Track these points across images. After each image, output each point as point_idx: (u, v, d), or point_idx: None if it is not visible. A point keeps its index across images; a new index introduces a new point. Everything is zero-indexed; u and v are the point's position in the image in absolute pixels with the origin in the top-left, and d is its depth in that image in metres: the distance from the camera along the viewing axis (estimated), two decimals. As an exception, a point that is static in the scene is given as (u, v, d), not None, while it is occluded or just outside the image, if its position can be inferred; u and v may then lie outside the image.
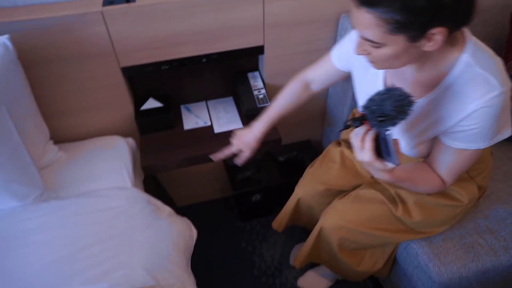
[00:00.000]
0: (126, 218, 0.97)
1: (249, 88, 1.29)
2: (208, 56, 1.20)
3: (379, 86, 0.84)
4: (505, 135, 0.75)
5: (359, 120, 0.70)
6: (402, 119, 0.65)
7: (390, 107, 0.63)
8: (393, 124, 0.65)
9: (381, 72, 0.83)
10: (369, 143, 0.67)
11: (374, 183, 1.03)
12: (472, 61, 0.67)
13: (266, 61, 1.27)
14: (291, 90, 1.05)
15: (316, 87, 1.05)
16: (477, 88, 0.67)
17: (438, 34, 0.61)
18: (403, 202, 0.96)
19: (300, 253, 1.14)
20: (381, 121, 0.65)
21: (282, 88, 1.36)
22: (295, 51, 1.27)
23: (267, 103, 1.25)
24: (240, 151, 1.06)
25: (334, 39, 1.27)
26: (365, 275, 1.12)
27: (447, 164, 0.80)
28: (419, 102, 0.76)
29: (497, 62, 0.69)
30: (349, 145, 1.13)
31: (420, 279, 0.98)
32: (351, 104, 1.27)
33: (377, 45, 0.65)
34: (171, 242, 0.98)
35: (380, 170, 0.70)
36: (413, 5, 0.57)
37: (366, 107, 0.67)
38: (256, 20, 1.16)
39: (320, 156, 1.18)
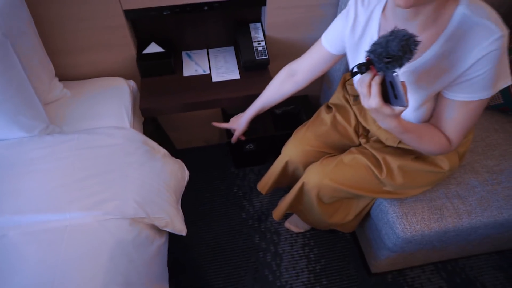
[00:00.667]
0: (122, 156, 1.05)
1: (249, 40, 1.30)
2: (210, 4, 1.20)
3: None
4: (503, 84, 0.76)
5: (365, 66, 0.69)
6: (409, 58, 0.65)
7: (396, 47, 0.63)
8: (400, 65, 0.66)
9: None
10: (375, 88, 0.68)
11: (361, 149, 1.07)
12: (467, 11, 0.70)
13: (268, 13, 1.26)
14: (276, 82, 1.12)
15: (301, 77, 1.07)
16: (478, 34, 0.69)
17: None
18: (388, 166, 1.00)
19: (280, 206, 1.22)
20: (387, 62, 0.65)
21: (281, 41, 1.37)
22: (297, 5, 1.25)
23: (265, 56, 1.27)
24: (233, 130, 1.27)
25: (341, -5, 1.25)
26: (333, 226, 1.21)
27: (452, 121, 0.81)
28: (422, 58, 0.77)
29: (492, 11, 0.71)
30: (340, 109, 1.16)
31: (387, 234, 1.07)
32: (345, 65, 1.28)
33: None
34: (163, 180, 1.07)
35: (388, 116, 0.71)
36: None
37: (371, 51, 0.67)
38: (259, -31, 1.14)
39: (311, 119, 1.21)
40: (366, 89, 0.69)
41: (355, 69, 0.71)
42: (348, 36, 0.90)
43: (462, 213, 1.02)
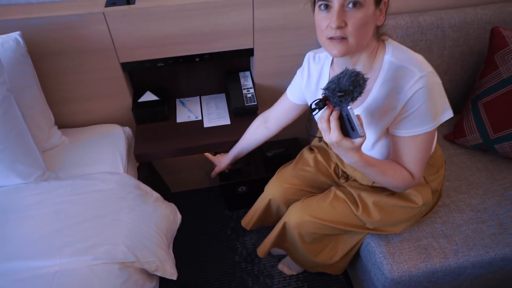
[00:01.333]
0: (114, 200, 1.08)
1: (239, 87, 1.38)
2: (201, 55, 1.29)
3: None
4: (446, 116, 0.86)
5: (322, 102, 0.77)
6: (359, 92, 0.72)
7: (347, 82, 0.71)
8: (352, 99, 0.73)
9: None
10: (334, 123, 0.75)
11: (340, 187, 1.11)
12: (392, 58, 0.84)
13: (256, 63, 1.35)
14: (251, 129, 1.25)
15: (272, 124, 1.19)
16: (403, 78, 0.81)
17: (383, 5, 0.80)
18: (363, 203, 1.04)
19: (264, 243, 1.24)
20: (340, 96, 0.72)
21: (269, 88, 1.45)
22: (283, 54, 1.35)
23: (254, 102, 1.34)
24: (216, 167, 1.39)
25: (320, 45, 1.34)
26: (320, 267, 1.21)
27: (407, 156, 0.88)
28: (368, 99, 0.88)
29: (413, 54, 0.84)
30: (321, 151, 1.22)
31: (376, 275, 1.07)
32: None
33: (361, 0, 0.74)
34: (154, 224, 1.09)
35: (349, 149, 0.77)
36: None
37: (326, 88, 0.75)
38: (246, 25, 1.24)
39: (294, 160, 1.26)
40: (326, 124, 0.76)
41: (313, 106, 0.78)
42: (305, 88, 1.03)
43: (449, 252, 1.03)
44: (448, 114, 0.86)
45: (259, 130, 1.23)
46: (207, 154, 1.43)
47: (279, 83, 1.43)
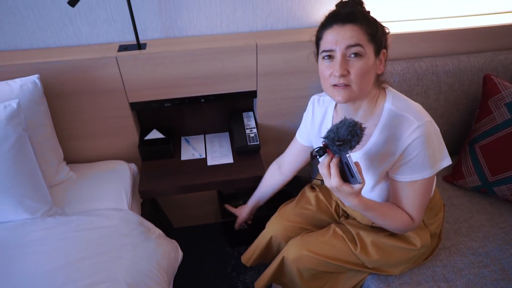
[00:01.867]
0: (117, 237, 1.10)
1: (242, 127, 1.43)
2: (206, 97, 1.35)
3: None
4: (444, 163, 0.89)
5: (322, 149, 0.81)
6: (357, 141, 0.76)
7: (345, 132, 0.75)
8: (350, 147, 0.76)
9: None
10: (334, 169, 0.78)
11: (340, 225, 1.13)
12: (392, 107, 0.88)
13: (259, 104, 1.41)
14: (267, 175, 1.30)
15: (286, 169, 1.25)
16: (401, 126, 0.85)
17: (382, 55, 0.85)
18: (362, 241, 1.05)
19: (262, 277, 1.22)
20: (339, 145, 0.76)
21: (272, 128, 1.50)
22: (285, 96, 1.40)
23: (257, 142, 1.38)
24: (238, 218, 1.42)
25: (320, 88, 1.40)
26: None
27: (407, 200, 0.91)
28: (368, 144, 0.91)
29: (412, 104, 0.88)
30: (323, 189, 1.24)
31: (377, 318, 1.05)
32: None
33: (362, 51, 0.79)
34: (155, 261, 1.10)
35: (348, 194, 0.80)
36: (373, 23, 0.83)
37: (325, 136, 0.79)
38: (250, 69, 1.31)
39: (296, 198, 1.28)
40: (326, 170, 0.80)
41: (314, 153, 0.82)
42: (310, 130, 1.08)
43: (450, 297, 1.02)
44: (446, 161, 0.89)
45: (275, 176, 1.28)
46: (228, 206, 1.47)
47: (281, 123, 1.48)
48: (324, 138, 0.80)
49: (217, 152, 1.43)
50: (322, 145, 0.81)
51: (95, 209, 1.18)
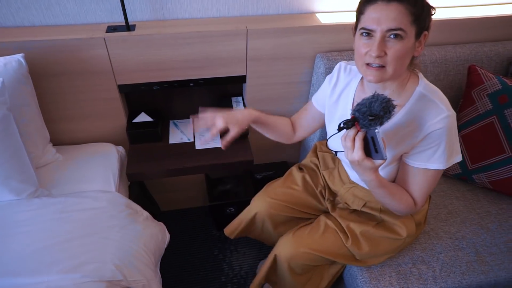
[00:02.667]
0: (105, 219, 1.11)
1: (231, 112, 1.43)
2: (196, 80, 1.35)
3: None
4: (457, 159, 0.90)
5: (351, 122, 0.80)
6: (388, 118, 0.77)
7: (378, 107, 0.75)
8: (381, 123, 0.77)
9: (350, 105, 0.98)
10: (358, 143, 0.78)
11: (330, 217, 1.15)
12: (424, 92, 0.87)
13: (248, 89, 1.41)
14: (284, 121, 1.16)
15: (298, 132, 1.17)
16: (430, 111, 0.84)
17: (423, 37, 0.82)
18: (352, 233, 1.08)
19: (256, 279, 1.24)
20: (371, 119, 0.76)
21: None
22: (274, 82, 1.41)
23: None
24: (227, 129, 0.99)
25: (310, 74, 1.41)
26: None
27: (415, 185, 0.93)
28: (388, 124, 0.88)
29: (442, 94, 0.88)
30: (310, 171, 1.26)
31: (358, 299, 1.10)
32: (320, 133, 1.40)
33: (402, 33, 0.76)
34: (143, 243, 1.11)
35: (368, 168, 0.81)
36: (420, 2, 0.78)
37: (357, 109, 0.79)
38: (239, 54, 1.30)
39: (283, 177, 1.29)
40: (350, 143, 0.80)
41: (342, 125, 0.81)
42: (329, 94, 1.04)
43: (427, 278, 1.07)
44: (458, 158, 0.90)
45: (288, 126, 1.16)
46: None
47: (270, 109, 1.49)
48: (355, 111, 0.79)
49: (205, 136, 1.44)
50: (351, 118, 0.80)
51: (83, 191, 1.19)
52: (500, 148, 1.23)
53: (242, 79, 1.38)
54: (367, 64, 0.81)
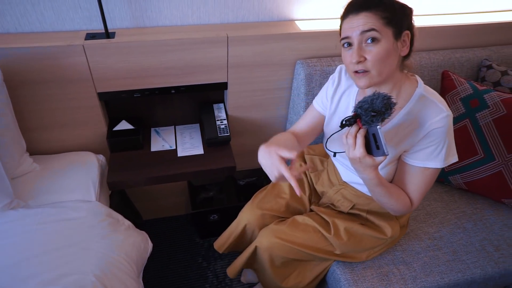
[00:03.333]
0: (85, 229, 1.08)
1: (212, 118, 1.43)
2: (177, 88, 1.35)
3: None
4: (453, 159, 0.93)
5: (353, 119, 0.82)
6: (389, 114, 0.79)
7: (380, 104, 0.77)
8: (382, 120, 0.79)
9: (350, 108, 0.99)
10: (360, 140, 0.81)
11: (311, 213, 1.17)
12: (424, 93, 0.91)
13: (229, 96, 1.42)
14: (289, 135, 1.07)
15: (304, 140, 1.12)
16: (430, 111, 0.87)
17: (406, 37, 0.85)
18: (336, 228, 1.10)
19: (234, 264, 1.25)
20: (373, 116, 0.78)
21: (242, 120, 1.52)
22: (255, 88, 1.42)
23: (227, 133, 1.39)
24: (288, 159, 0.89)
25: (290, 80, 1.44)
26: None
27: (413, 185, 0.95)
28: (389, 124, 0.93)
29: (440, 96, 0.92)
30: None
31: (341, 301, 1.11)
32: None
33: (377, 35, 0.80)
34: (124, 252, 1.09)
35: (368, 166, 0.83)
36: (390, 6, 0.83)
37: (359, 106, 0.81)
38: (220, 61, 1.31)
39: (269, 186, 1.30)
40: (352, 140, 0.82)
41: (344, 122, 0.84)
42: (331, 95, 1.06)
43: (408, 278, 1.10)
44: (455, 158, 0.93)
45: (294, 139, 1.07)
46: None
47: (252, 115, 1.51)
48: (357, 108, 0.81)
49: (188, 144, 1.44)
50: (353, 115, 0.83)
51: (61, 201, 1.16)
52: (474, 150, 1.28)
53: (223, 85, 1.39)
54: (355, 72, 0.85)
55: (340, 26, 0.88)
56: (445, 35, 1.46)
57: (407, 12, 0.85)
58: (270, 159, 0.86)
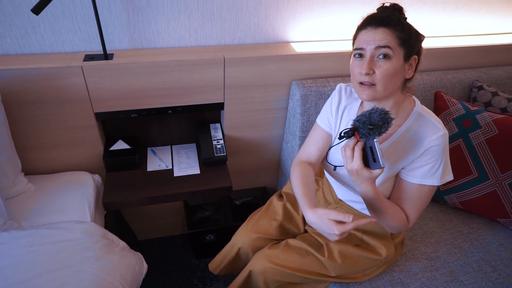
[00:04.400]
0: (79, 250, 1.07)
1: (209, 138, 1.44)
2: (174, 108, 1.36)
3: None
4: (449, 178, 0.94)
5: (351, 131, 0.84)
6: (386, 128, 0.80)
7: (377, 117, 0.79)
8: (379, 133, 0.80)
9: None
10: (358, 152, 0.82)
11: (305, 236, 1.16)
12: (421, 112, 0.93)
13: (226, 116, 1.44)
14: (305, 175, 1.05)
15: (314, 162, 1.09)
16: (428, 129, 0.90)
17: (413, 61, 0.88)
18: (330, 250, 1.09)
19: None
20: (370, 129, 0.80)
21: (238, 140, 1.53)
22: (252, 109, 1.44)
23: (223, 153, 1.40)
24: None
25: (286, 101, 1.46)
26: None
27: (410, 202, 0.95)
28: (387, 142, 0.94)
29: (436, 116, 0.94)
30: (290, 198, 1.28)
31: (339, 324, 1.09)
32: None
33: (390, 53, 0.83)
34: (119, 274, 1.07)
35: (365, 179, 0.84)
36: (408, 29, 0.86)
37: (357, 120, 0.83)
38: (217, 81, 1.33)
39: (264, 207, 1.30)
40: (350, 152, 0.83)
41: (342, 134, 0.85)
42: (334, 114, 1.06)
43: (406, 300, 1.09)
44: (450, 177, 0.95)
45: (310, 171, 1.07)
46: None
47: (248, 135, 1.52)
48: (355, 121, 0.83)
49: (184, 163, 1.44)
50: (351, 127, 0.84)
51: (55, 222, 1.14)
52: (467, 169, 1.29)
53: (220, 106, 1.40)
54: (360, 83, 0.87)
55: (355, 36, 0.91)
56: (436, 56, 1.49)
57: (420, 38, 0.89)
58: (322, 224, 0.88)
